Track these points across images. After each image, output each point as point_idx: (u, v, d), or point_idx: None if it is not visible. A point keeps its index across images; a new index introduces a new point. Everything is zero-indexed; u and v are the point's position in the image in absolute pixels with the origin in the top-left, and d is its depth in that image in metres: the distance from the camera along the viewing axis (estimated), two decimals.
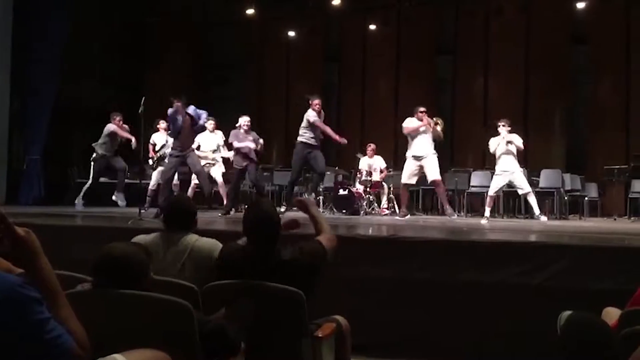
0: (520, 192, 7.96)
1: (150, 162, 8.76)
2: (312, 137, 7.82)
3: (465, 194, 9.65)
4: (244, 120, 8.07)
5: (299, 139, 7.86)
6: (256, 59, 13.68)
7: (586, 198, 9.65)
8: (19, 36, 9.74)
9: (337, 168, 10.73)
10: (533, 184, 9.46)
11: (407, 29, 12.43)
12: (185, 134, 6.96)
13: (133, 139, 8.23)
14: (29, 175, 9.97)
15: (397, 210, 9.55)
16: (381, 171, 9.79)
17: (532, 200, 7.81)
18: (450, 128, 12.12)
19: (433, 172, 7.75)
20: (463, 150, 12.04)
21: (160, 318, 2.10)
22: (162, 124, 8.99)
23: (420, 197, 10.25)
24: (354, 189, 9.32)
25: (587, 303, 2.87)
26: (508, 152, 7.67)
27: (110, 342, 1.86)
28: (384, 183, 9.63)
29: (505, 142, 7.65)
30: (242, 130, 8.01)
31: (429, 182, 8.06)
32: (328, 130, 7.95)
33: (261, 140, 8.19)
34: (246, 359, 2.43)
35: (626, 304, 2.63)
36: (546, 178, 9.62)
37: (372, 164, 9.82)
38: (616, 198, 10.05)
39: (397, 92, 12.67)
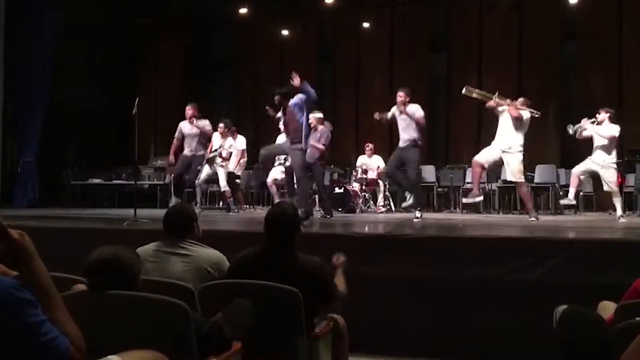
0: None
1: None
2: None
3: (460, 190, 9.66)
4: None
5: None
6: (249, 59, 13.65)
7: (581, 193, 9.66)
8: (11, 38, 9.69)
9: (332, 166, 10.72)
10: (528, 179, 9.50)
11: (401, 27, 12.43)
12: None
13: None
14: (23, 178, 9.93)
15: (393, 208, 9.58)
16: (378, 168, 9.77)
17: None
18: (444, 125, 12.18)
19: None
20: (458, 147, 12.06)
21: (156, 319, 2.10)
22: (221, 126, 8.97)
23: None
24: (349, 187, 9.32)
25: (583, 297, 2.89)
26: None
27: (106, 343, 1.86)
28: (379, 181, 9.63)
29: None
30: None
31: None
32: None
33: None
34: (243, 358, 2.43)
35: (622, 298, 2.64)
36: (541, 173, 9.65)
37: (369, 163, 9.82)
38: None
39: (391, 91, 12.63)
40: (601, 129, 7.15)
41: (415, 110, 7.15)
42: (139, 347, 1.92)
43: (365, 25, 12.49)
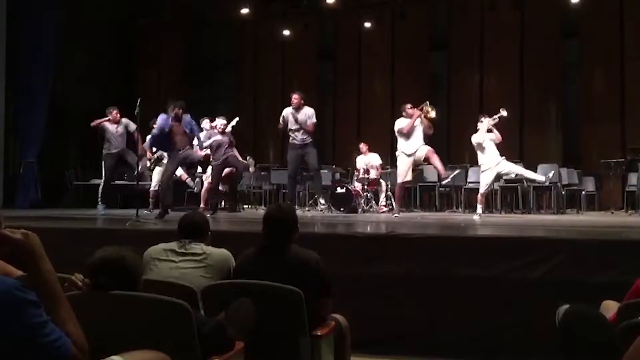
0: (513, 175, 7.98)
1: (148, 163, 8.74)
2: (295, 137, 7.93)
3: (463, 190, 9.66)
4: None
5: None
6: (250, 58, 13.66)
7: (583, 192, 9.66)
8: (13, 39, 9.70)
9: (334, 166, 10.72)
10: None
11: (401, 26, 12.43)
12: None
13: None
14: (26, 178, 9.93)
15: (395, 207, 9.58)
16: (376, 168, 9.78)
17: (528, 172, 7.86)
18: (446, 124, 12.15)
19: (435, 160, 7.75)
20: (459, 147, 12.04)
21: (159, 319, 2.10)
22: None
23: (418, 194, 10.26)
24: (351, 187, 9.32)
25: (586, 296, 2.89)
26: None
27: (109, 343, 1.86)
28: (381, 180, 9.63)
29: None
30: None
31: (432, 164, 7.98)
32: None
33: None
34: (246, 358, 2.43)
35: (624, 297, 2.64)
36: (543, 172, 9.62)
37: (368, 161, 9.82)
38: (613, 191, 10.06)
39: (392, 90, 12.66)
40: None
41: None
42: (142, 348, 1.92)
43: (366, 24, 12.49)
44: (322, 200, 8.47)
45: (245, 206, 9.82)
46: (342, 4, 11.95)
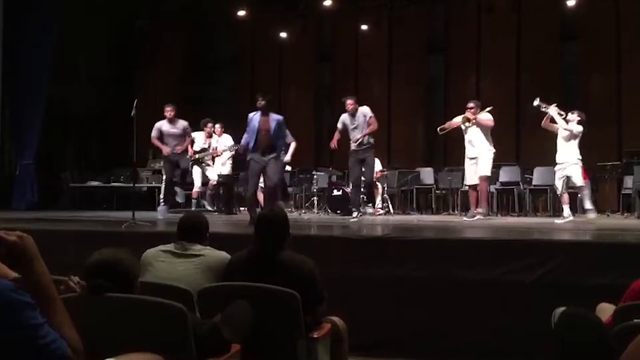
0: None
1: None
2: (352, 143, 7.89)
3: (459, 192, 9.67)
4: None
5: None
6: (248, 60, 13.67)
7: (579, 195, 9.66)
8: (9, 40, 9.68)
9: (331, 169, 10.72)
10: (526, 181, 9.51)
11: (399, 29, 12.44)
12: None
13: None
14: (22, 180, 9.89)
15: (391, 211, 9.58)
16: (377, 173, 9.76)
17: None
18: None
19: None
20: (456, 149, 12.05)
21: (155, 321, 2.10)
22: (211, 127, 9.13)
23: (415, 196, 10.27)
24: (348, 190, 9.31)
25: (582, 299, 2.89)
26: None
27: (105, 346, 1.86)
28: (378, 183, 9.63)
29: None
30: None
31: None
32: None
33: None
34: None
35: (620, 300, 2.64)
36: (540, 175, 9.64)
37: None
38: (609, 194, 10.08)
39: (389, 92, 12.67)
40: (564, 122, 7.44)
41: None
42: (138, 350, 1.91)
43: (364, 27, 12.51)
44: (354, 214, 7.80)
45: (242, 208, 9.81)
46: (340, 7, 11.96)
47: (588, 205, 7.16)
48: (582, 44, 11.53)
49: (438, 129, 7.99)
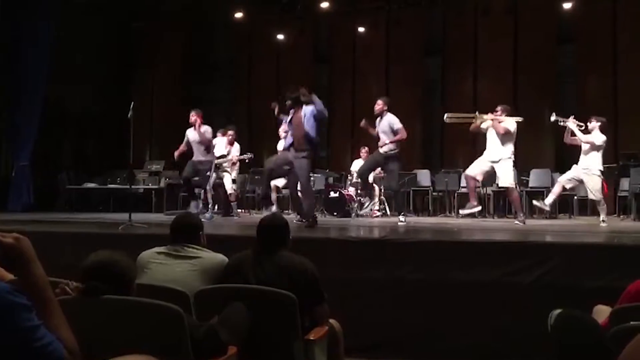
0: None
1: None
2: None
3: (456, 194, 9.68)
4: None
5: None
6: (246, 61, 13.68)
7: (575, 197, 9.69)
8: (6, 41, 9.66)
9: (327, 170, 10.72)
10: (523, 183, 9.53)
11: (396, 31, 12.47)
12: None
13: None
14: (18, 182, 9.88)
15: (388, 212, 9.58)
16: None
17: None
18: (439, 129, 12.18)
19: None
20: (453, 151, 12.08)
21: (151, 323, 2.09)
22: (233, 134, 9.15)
23: (411, 198, 10.27)
24: (344, 192, 9.32)
25: (578, 301, 2.90)
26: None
27: (101, 348, 1.85)
28: (375, 185, 9.63)
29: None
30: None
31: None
32: None
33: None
34: None
35: (617, 302, 2.65)
36: (536, 177, 9.67)
37: None
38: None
39: (387, 94, 12.67)
40: (585, 135, 7.28)
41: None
42: (134, 352, 1.91)
43: (361, 29, 12.53)
44: (401, 218, 7.54)
45: (239, 210, 9.80)
46: (337, 9, 11.98)
47: (603, 217, 7.16)
48: (579, 46, 11.56)
49: (446, 115, 7.86)
